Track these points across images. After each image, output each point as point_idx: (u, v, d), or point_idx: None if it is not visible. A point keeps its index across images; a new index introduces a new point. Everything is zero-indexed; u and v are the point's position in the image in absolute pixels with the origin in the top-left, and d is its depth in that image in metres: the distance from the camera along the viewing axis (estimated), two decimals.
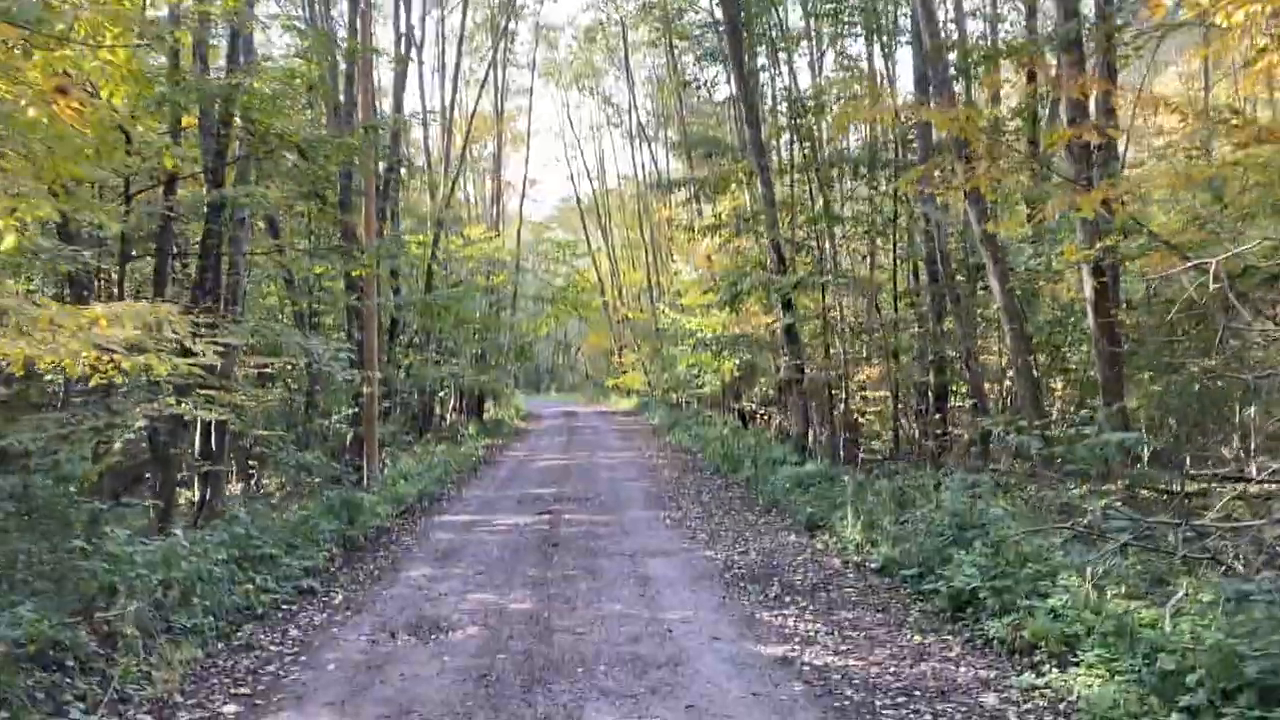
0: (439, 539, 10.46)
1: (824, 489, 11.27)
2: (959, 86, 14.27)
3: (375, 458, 13.80)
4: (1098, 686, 4.89)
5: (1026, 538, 6.79)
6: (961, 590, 6.52)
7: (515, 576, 8.39)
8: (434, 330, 23.14)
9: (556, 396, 55.76)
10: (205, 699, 5.48)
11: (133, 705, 5.31)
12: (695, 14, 24.69)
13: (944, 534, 7.49)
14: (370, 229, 13.85)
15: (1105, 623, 5.36)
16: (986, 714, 4.86)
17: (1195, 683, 4.53)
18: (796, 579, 7.98)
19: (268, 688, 5.67)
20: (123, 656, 5.83)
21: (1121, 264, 9.73)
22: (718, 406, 27.45)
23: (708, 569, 8.50)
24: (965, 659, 5.74)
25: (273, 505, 11.10)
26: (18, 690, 5.06)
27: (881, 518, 8.84)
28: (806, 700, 5.11)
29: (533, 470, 17.66)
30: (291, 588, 7.97)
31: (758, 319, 18.84)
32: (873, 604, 7.09)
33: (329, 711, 5.22)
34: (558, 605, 7.30)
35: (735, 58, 16.22)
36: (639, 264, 43.25)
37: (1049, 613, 5.73)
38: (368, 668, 5.95)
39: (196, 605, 6.77)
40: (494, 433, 26.53)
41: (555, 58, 41.44)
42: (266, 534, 8.67)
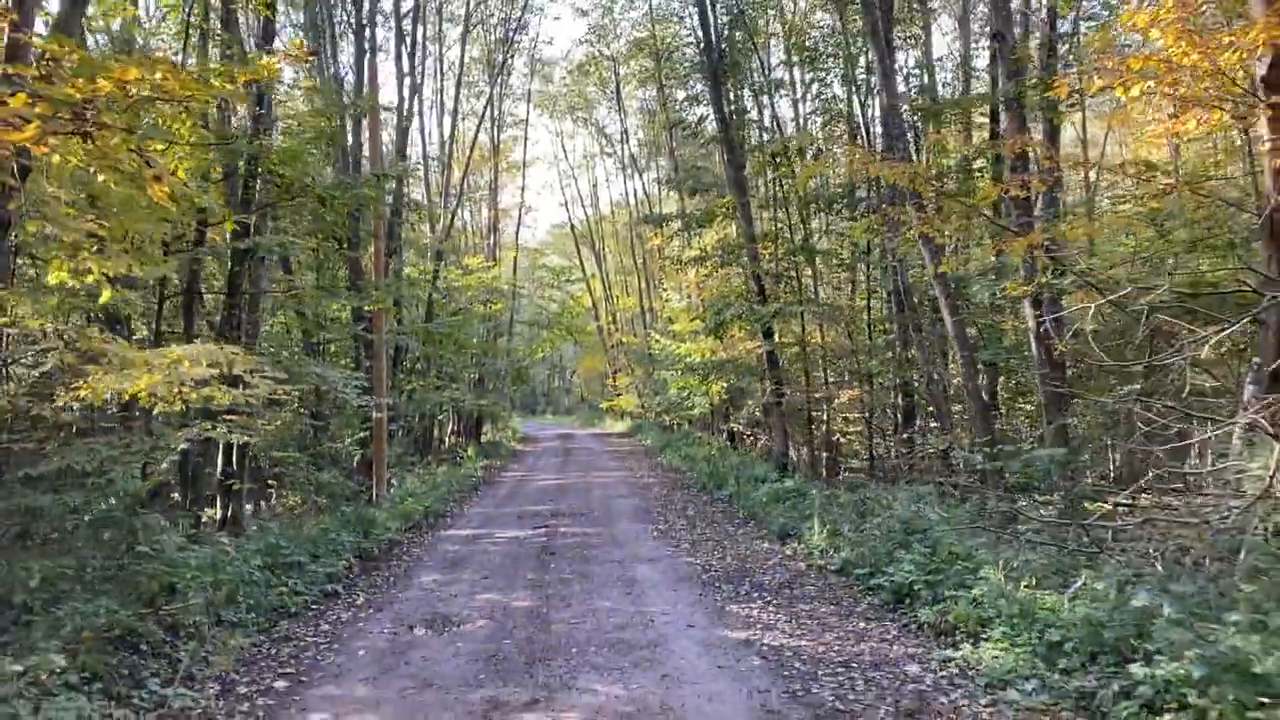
0: (446, 550, 11.49)
1: (797, 502, 12.33)
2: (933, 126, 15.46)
3: (384, 477, 14.83)
4: (1000, 656, 5.94)
5: (959, 539, 7.86)
6: (902, 584, 7.59)
7: (517, 580, 9.42)
8: (435, 357, 24.19)
9: (552, 419, 56.74)
10: (257, 677, 6.50)
11: (198, 682, 6.32)
12: (683, 53, 26.01)
13: (893, 538, 8.56)
14: (379, 267, 14.96)
15: (1013, 607, 6.42)
16: (909, 679, 5.91)
17: (1071, 649, 5.60)
18: (765, 579, 9.03)
19: (308, 668, 6.69)
20: (185, 644, 6.86)
21: (1059, 298, 10.85)
22: (708, 428, 28.54)
23: (688, 572, 9.54)
24: (899, 640, 6.79)
25: (291, 521, 12.12)
26: (107, 667, 6.09)
27: (843, 526, 9.90)
28: (761, 671, 6.15)
29: (530, 489, 18.68)
30: (318, 591, 8.99)
31: (743, 344, 19.96)
32: (828, 598, 8.15)
33: (363, 685, 6.24)
34: (555, 602, 8.33)
35: (716, 103, 17.43)
36: (632, 289, 44.46)
37: (970, 601, 6.80)
38: (392, 653, 6.98)
39: (241, 603, 7.81)
40: (492, 454, 27.55)
41: (550, 90, 42.80)
42: (293, 544, 9.72)
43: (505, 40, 32.12)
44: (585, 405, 57.76)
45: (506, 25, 31.30)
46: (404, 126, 19.45)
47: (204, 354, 6.26)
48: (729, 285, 20.21)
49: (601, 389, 50.93)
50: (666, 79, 27.48)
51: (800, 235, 18.50)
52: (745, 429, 24.47)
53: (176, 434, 9.52)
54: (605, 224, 48.31)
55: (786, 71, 19.56)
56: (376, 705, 5.78)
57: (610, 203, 49.74)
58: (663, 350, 26.70)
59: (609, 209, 49.26)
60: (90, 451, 9.27)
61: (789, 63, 18.61)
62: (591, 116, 44.08)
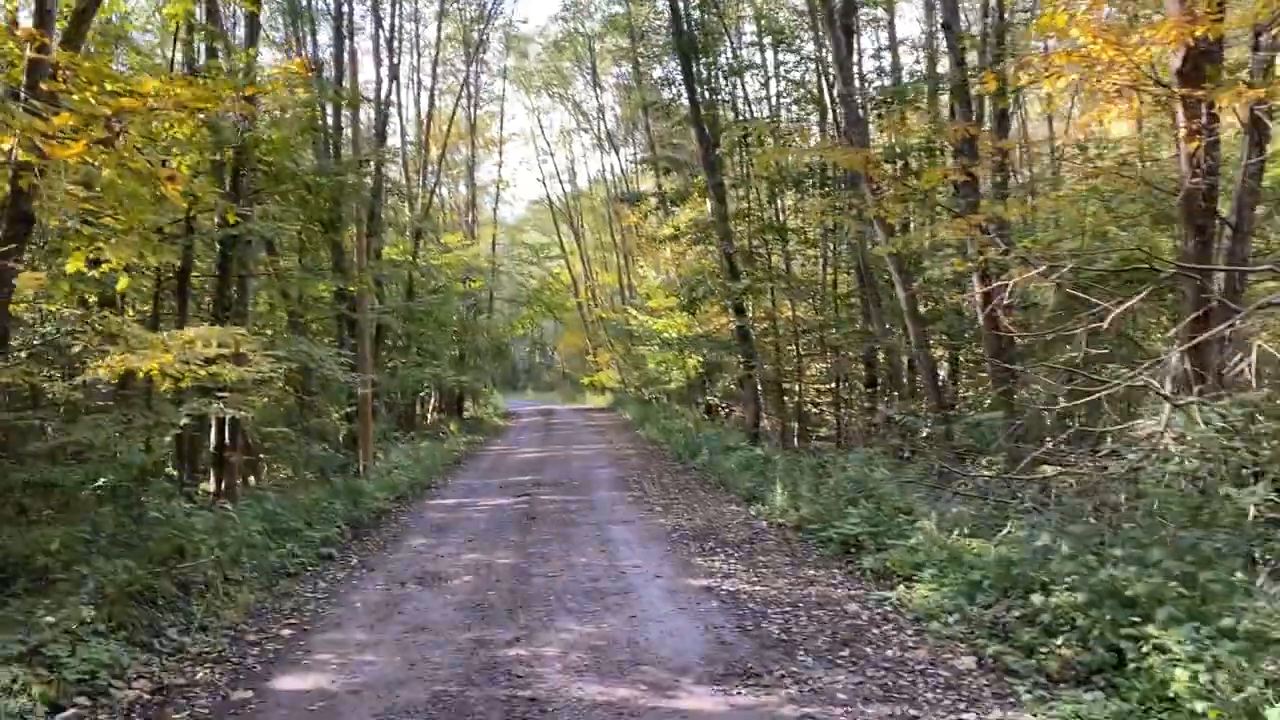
0: (432, 517, 12.18)
1: (764, 468, 13.10)
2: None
3: (370, 451, 15.48)
4: (929, 595, 6.71)
5: (901, 496, 8.63)
6: (849, 536, 8.37)
7: (500, 542, 10.13)
8: (416, 334, 24.75)
9: (534, 395, 57.28)
10: (264, 627, 7.18)
11: (212, 632, 6.99)
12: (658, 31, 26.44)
13: (844, 497, 9.34)
14: (361, 249, 15.54)
15: (943, 553, 7.19)
16: (847, 616, 6.67)
17: (988, 586, 6.37)
18: (729, 536, 9.80)
19: (311, 619, 7.38)
20: (197, 599, 7.53)
21: (1002, 273, 11.59)
22: (685, 401, 29.26)
23: (659, 532, 10.29)
24: (843, 584, 7.56)
25: (283, 492, 12.76)
26: (129, 618, 6.75)
27: (802, 488, 10.66)
28: (718, 611, 6.90)
29: (512, 462, 19.38)
30: (314, 554, 9.66)
31: (717, 320, 20.67)
32: (784, 551, 8.91)
33: (361, 631, 6.94)
34: (535, 560, 9.05)
35: (688, 84, 18.03)
36: (611, 266, 44.99)
37: (907, 549, 7.57)
38: (386, 605, 7.67)
39: (245, 564, 8.47)
40: (474, 430, 28.20)
41: (526, 66, 43.04)
42: (289, 512, 10.38)
43: (481, 19, 32.45)
44: (566, 381, 58.30)
45: (482, 3, 31.56)
46: (383, 112, 19.92)
47: (214, 335, 6.89)
48: (702, 262, 20.89)
49: (582, 365, 51.47)
50: (641, 57, 27.94)
51: (770, 213, 19.17)
52: (721, 402, 25.22)
53: (178, 410, 10.15)
54: (584, 200, 48.68)
55: (759, 53, 20.12)
56: (375, 646, 6.48)
57: (588, 179, 50.20)
58: (640, 326, 27.37)
59: (587, 185, 49.66)
60: (96, 428, 9.90)
61: (760, 44, 19.18)
62: (568, 92, 44.34)
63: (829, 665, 5.67)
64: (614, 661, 5.86)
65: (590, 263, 47.74)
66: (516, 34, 39.68)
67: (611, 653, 6.03)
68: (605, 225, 44.77)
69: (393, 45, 21.24)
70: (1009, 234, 10.44)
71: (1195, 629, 4.67)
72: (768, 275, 17.77)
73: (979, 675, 5.39)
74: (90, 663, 5.94)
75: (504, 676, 5.66)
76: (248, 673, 6.08)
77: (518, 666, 5.83)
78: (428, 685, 5.57)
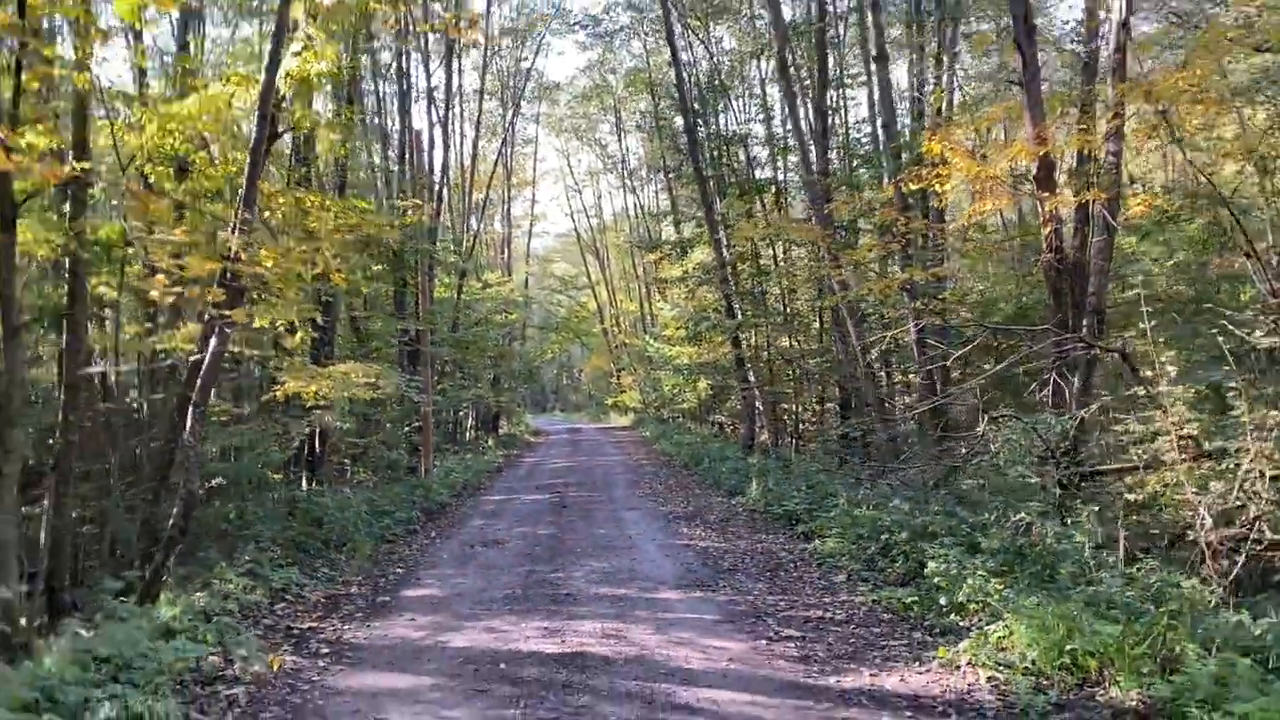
0: (485, 507, 15.55)
1: (749, 471, 16.33)
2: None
3: (430, 458, 18.90)
4: (833, 545, 9.94)
5: (832, 484, 11.89)
6: (791, 511, 11.65)
7: (540, 522, 13.46)
8: (461, 361, 28.24)
9: (561, 415, 60.67)
10: (383, 568, 10.53)
11: (348, 569, 10.35)
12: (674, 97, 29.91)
13: (795, 485, 12.60)
14: (424, 295, 19.04)
15: (847, 519, 10.43)
16: (776, 558, 9.94)
17: (868, 537, 9.61)
18: (711, 517, 13.09)
19: (413, 564, 10.73)
20: (335, 551, 10.93)
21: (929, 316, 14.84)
22: (698, 420, 32.54)
23: (659, 514, 13.59)
24: (780, 543, 10.83)
25: (369, 487, 16.18)
26: (297, 559, 10.14)
27: (769, 483, 13.91)
28: (691, 556, 10.19)
29: (545, 470, 22.74)
30: (403, 528, 13.04)
31: (719, 349, 23.97)
32: (748, 525, 12.20)
33: (450, 568, 10.27)
34: (566, 531, 12.38)
35: (692, 154, 21.47)
36: (634, 295, 48.45)
37: (827, 518, 10.81)
38: (463, 556, 11.01)
39: (361, 531, 11.85)
40: (509, 445, 31.61)
41: (555, 114, 46.79)
42: (381, 500, 13.80)
43: (516, 74, 36.19)
44: (592, 402, 61.48)
45: (518, 65, 35.28)
46: (438, 190, 23.46)
47: (363, 369, 10.32)
48: (706, 300, 24.24)
49: (607, 386, 54.69)
50: (661, 117, 31.44)
51: (766, 258, 22.51)
52: (728, 420, 28.45)
53: (300, 422, 13.62)
54: (609, 234, 52.27)
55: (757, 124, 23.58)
56: (461, 575, 9.82)
57: (613, 213, 53.70)
58: (657, 352, 30.71)
59: (612, 219, 53.24)
60: (244, 435, 13.39)
61: (753, 118, 22.64)
62: (594, 135, 47.99)
63: (755, 581, 8.95)
64: (618, 578, 9.18)
65: (615, 291, 51.24)
66: (546, 84, 43.48)
67: (617, 575, 9.35)
68: (628, 257, 48.26)
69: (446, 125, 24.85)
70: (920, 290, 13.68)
71: (958, 548, 7.91)
72: (761, 312, 21.06)
73: (845, 583, 8.66)
74: (282, 580, 9.32)
75: (548, 585, 9.00)
76: (382, 589, 9.44)
77: (556, 581, 9.16)
78: (500, 590, 8.91)
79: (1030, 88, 11.72)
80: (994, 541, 7.82)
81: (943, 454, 10.63)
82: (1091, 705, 5.23)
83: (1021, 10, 12.17)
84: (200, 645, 6.81)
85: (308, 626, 7.90)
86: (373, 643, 7.31)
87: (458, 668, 6.45)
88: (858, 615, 7.54)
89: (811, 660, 6.35)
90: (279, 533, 10.80)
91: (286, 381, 10.15)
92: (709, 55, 25.46)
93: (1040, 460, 9.73)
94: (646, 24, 31.33)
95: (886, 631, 7.03)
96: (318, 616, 8.29)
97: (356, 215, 8.97)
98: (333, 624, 7.97)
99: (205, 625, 7.25)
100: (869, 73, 16.95)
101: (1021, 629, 6.04)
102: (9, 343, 8.58)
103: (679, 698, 5.61)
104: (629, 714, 5.35)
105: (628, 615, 7.71)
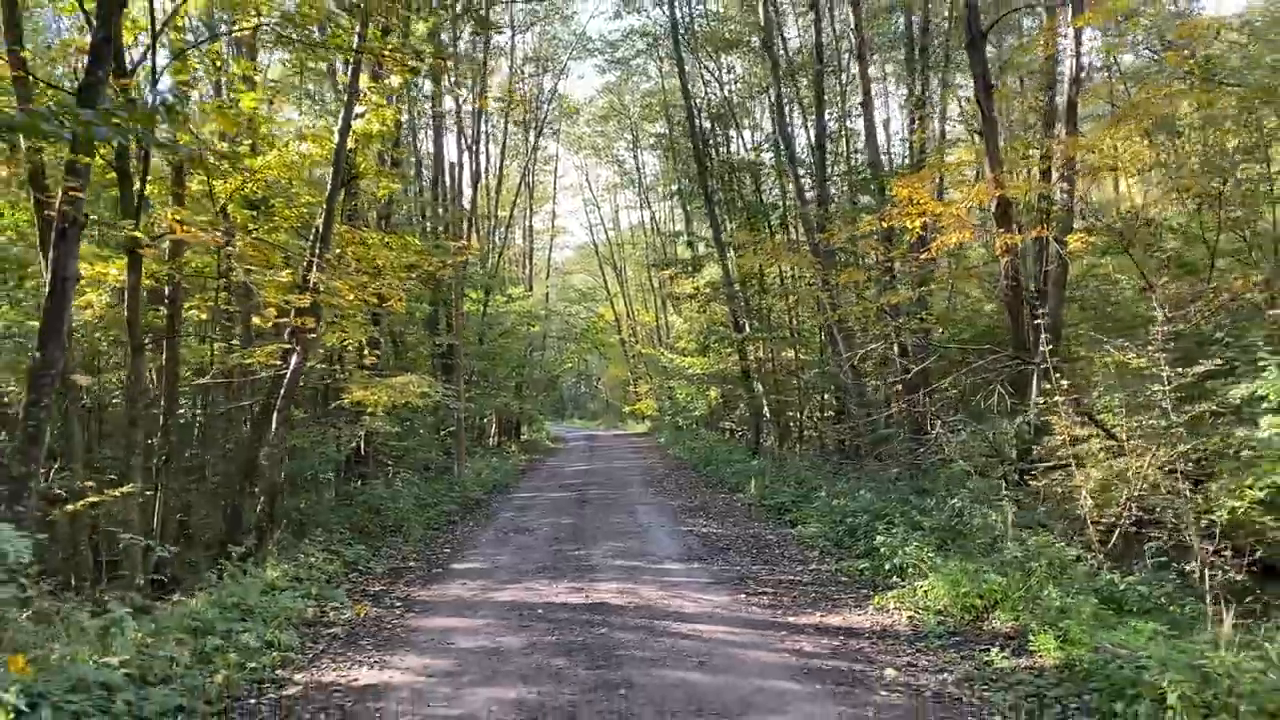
0: (515, 502, 17.48)
1: (749, 472, 18.20)
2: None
3: (463, 459, 20.87)
4: (813, 528, 11.79)
5: (817, 478, 13.74)
6: (782, 503, 13.52)
7: (564, 514, 15.38)
8: (487, 371, 30.24)
9: (579, 423, 62.54)
10: (434, 549, 12.46)
11: (405, 548, 12.28)
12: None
13: (787, 481, 14.46)
14: (456, 312, 21.06)
15: (826, 507, 12.27)
16: (764, 540, 11.81)
17: (843, 521, 11.46)
18: (713, 510, 14.97)
19: (459, 545, 12.66)
20: (391, 535, 12.89)
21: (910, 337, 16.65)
22: (710, 426, 34.40)
23: (667, 508, 15.48)
24: (769, 529, 12.69)
25: (415, 484, 18.16)
26: (362, 540, 12.09)
27: (766, 481, 15.78)
28: (692, 538, 12.08)
29: (566, 471, 24.68)
30: (445, 519, 14.98)
31: (728, 360, 25.86)
32: (742, 514, 14.07)
33: (490, 548, 12.19)
34: (588, 520, 14.29)
35: (702, 183, 23.43)
36: (650, 306, 50.40)
37: (811, 507, 12.67)
38: (500, 540, 12.93)
39: (411, 518, 13.80)
40: (530, 450, 33.55)
41: (574, 132, 48.85)
42: (426, 494, 15.77)
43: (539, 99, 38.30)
44: (610, 410, 63.31)
45: (539, 92, 37.36)
46: (471, 222, 25.57)
47: (417, 380, 12.29)
48: (715, 314, 26.16)
49: (624, 395, 56.51)
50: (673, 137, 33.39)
51: (772, 275, 24.39)
52: (736, 425, 30.29)
53: (352, 427, 15.61)
54: (626, 246, 54.24)
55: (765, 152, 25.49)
56: (500, 553, 11.74)
57: (630, 226, 55.69)
58: (671, 363, 32.61)
59: (629, 231, 55.22)
60: (306, 437, 15.37)
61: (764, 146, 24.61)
62: (612, 152, 49.97)
63: (743, 556, 10.83)
64: (631, 555, 11.08)
65: (631, 302, 53.16)
66: (568, 105, 45.52)
67: (630, 552, 11.26)
68: (645, 269, 50.18)
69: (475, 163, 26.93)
70: (903, 309, 15.53)
71: (905, 527, 9.76)
72: (765, 327, 22.95)
73: (816, 557, 10.53)
74: (353, 555, 11.28)
75: (573, 559, 10.91)
76: (435, 563, 11.38)
77: (580, 556, 11.08)
78: (533, 563, 10.82)
79: (989, 139, 13.56)
80: (933, 521, 9.67)
81: (906, 453, 12.48)
82: (976, 631, 7.08)
83: (980, 71, 14.02)
84: (301, 599, 8.77)
85: (379, 589, 9.85)
86: (434, 599, 9.24)
87: (505, 613, 8.37)
88: (821, 579, 9.41)
89: (778, 608, 8.23)
90: (344, 519, 12.79)
91: (353, 390, 12.12)
92: (719, 85, 27.43)
93: (986, 458, 11.59)
94: (661, 50, 33.39)
95: (841, 590, 8.90)
96: (386, 582, 10.23)
97: (413, 254, 10.96)
98: (399, 587, 9.91)
99: (300, 585, 9.21)
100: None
101: (939, 583, 7.90)
102: (135, 358, 10.65)
103: (673, 629, 7.51)
104: (636, 638, 7.24)
105: (638, 579, 9.61)
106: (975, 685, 5.93)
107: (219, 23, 12.21)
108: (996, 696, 5.67)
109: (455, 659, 6.97)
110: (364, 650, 7.39)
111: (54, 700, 5.46)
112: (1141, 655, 5.40)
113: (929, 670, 6.29)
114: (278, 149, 12.01)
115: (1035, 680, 5.85)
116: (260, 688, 6.45)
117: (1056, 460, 10.80)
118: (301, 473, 14.93)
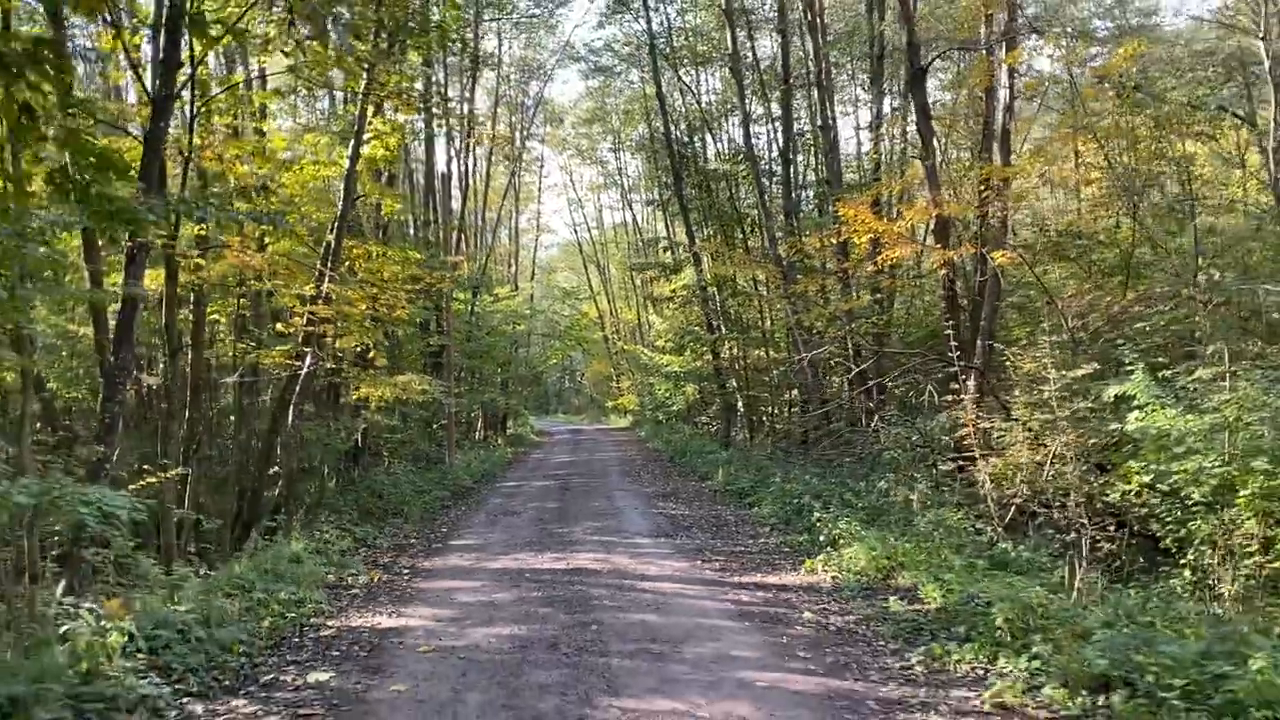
0: (502, 490, 19.04)
1: (718, 462, 19.83)
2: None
3: (453, 451, 22.40)
4: (767, 509, 13.40)
5: (774, 467, 15.37)
6: (743, 489, 15.16)
7: (548, 500, 16.94)
8: (474, 368, 31.74)
9: (563, 418, 63.97)
10: (431, 529, 13.99)
11: (406, 528, 13.81)
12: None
13: (748, 470, 16.09)
14: (447, 314, 22.58)
15: (781, 492, 13.89)
16: (723, 519, 13.42)
17: (789, 502, 13.08)
18: (682, 495, 16.58)
19: (454, 526, 14.20)
20: (393, 517, 14.42)
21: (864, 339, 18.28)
22: (688, 421, 36.02)
23: (642, 494, 17.09)
24: (730, 510, 14.31)
25: (411, 472, 19.67)
26: (368, 521, 13.62)
27: (732, 469, 17.39)
28: (661, 519, 13.68)
29: (550, 463, 26.25)
30: (438, 504, 16.52)
31: (702, 358, 27.47)
32: (707, 499, 15.69)
33: (483, 528, 13.74)
34: (569, 505, 15.86)
35: (677, 191, 25.00)
36: (632, 304, 51.96)
37: (767, 491, 14.29)
38: (490, 522, 14.47)
39: (411, 502, 15.33)
40: (516, 444, 35.05)
41: (559, 134, 50.29)
42: (420, 481, 17.30)
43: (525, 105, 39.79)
44: (593, 405, 64.74)
45: (525, 96, 38.85)
46: (460, 231, 27.11)
47: (419, 379, 13.82)
48: (692, 316, 27.76)
49: (607, 390, 58.08)
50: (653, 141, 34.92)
51: (744, 283, 26.01)
52: (711, 420, 31.91)
53: (353, 421, 17.12)
54: (610, 245, 55.77)
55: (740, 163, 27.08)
56: (492, 532, 13.30)
57: (613, 225, 57.19)
58: (650, 360, 34.20)
59: (612, 230, 56.74)
60: (313, 429, 16.84)
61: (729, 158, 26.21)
62: (595, 154, 51.46)
63: (704, 532, 12.45)
64: (607, 532, 12.68)
65: (614, 300, 54.70)
66: (551, 110, 47.00)
67: (606, 530, 12.85)
68: (626, 268, 51.72)
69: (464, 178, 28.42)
70: (859, 313, 17.19)
71: (840, 505, 11.38)
72: (735, 329, 24.57)
73: (766, 532, 12.15)
74: (362, 533, 12.81)
75: (556, 536, 12.49)
76: (434, 540, 12.92)
77: (562, 534, 12.66)
78: (521, 539, 12.39)
79: (928, 164, 15.21)
80: (864, 501, 11.31)
81: (848, 444, 14.14)
82: (885, 586, 8.71)
83: (921, 100, 15.70)
84: (323, 567, 10.30)
85: (388, 560, 11.39)
86: (436, 567, 10.80)
87: (498, 576, 9.94)
88: (768, 550, 11.04)
89: (727, 570, 9.84)
90: (351, 503, 14.31)
91: (360, 388, 13.64)
92: (695, 97, 28.98)
93: (918, 448, 13.26)
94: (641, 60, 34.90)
95: (783, 558, 10.52)
96: (393, 555, 11.78)
97: (415, 267, 12.51)
98: (405, 559, 11.46)
99: (320, 557, 10.73)
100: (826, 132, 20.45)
101: (860, 550, 9.52)
102: (172, 359, 12.14)
103: (639, 586, 9.10)
104: (607, 593, 8.83)
105: (612, 550, 11.20)
106: (871, 623, 7.55)
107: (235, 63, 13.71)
108: (884, 629, 7.30)
109: (458, 609, 8.53)
110: (382, 604, 8.93)
111: (145, 634, 6.99)
112: (993, 596, 7.02)
113: (838, 614, 7.91)
114: (293, 170, 13.51)
115: (917, 618, 7.48)
116: (301, 629, 7.99)
117: (968, 450, 12.48)
118: (311, 461, 16.43)
